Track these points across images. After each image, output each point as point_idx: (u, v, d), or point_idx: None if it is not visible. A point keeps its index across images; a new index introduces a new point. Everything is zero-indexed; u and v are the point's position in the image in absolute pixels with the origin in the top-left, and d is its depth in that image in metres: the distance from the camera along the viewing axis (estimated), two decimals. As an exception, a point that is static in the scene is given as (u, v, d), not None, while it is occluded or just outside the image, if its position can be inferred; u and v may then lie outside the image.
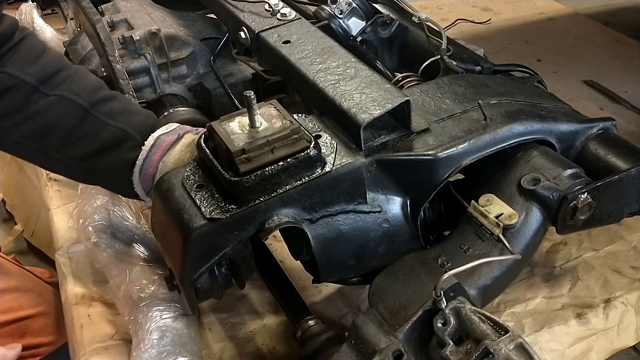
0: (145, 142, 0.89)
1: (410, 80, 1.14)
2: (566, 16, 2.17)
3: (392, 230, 0.87)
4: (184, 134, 0.94)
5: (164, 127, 0.91)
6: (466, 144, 0.87)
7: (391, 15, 1.32)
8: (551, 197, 0.85)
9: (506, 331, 0.68)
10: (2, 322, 1.23)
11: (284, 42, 1.06)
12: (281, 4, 1.16)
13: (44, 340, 1.27)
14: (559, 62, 1.87)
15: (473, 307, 0.72)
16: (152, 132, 0.91)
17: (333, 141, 0.85)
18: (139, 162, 0.89)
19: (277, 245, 1.14)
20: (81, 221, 1.14)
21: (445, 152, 0.85)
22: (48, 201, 1.32)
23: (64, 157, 0.92)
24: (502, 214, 0.85)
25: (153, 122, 0.94)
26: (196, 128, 0.94)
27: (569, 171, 0.88)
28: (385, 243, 0.88)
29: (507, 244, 0.83)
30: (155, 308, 0.96)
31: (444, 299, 0.72)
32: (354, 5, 1.28)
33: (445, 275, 0.72)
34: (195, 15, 1.46)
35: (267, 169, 0.78)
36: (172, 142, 0.89)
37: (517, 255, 0.83)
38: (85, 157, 0.92)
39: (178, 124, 0.93)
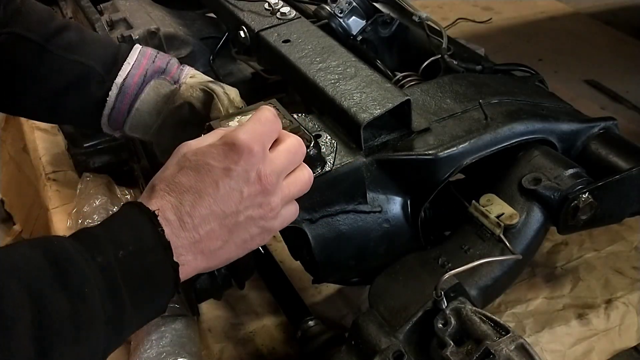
0: (110, 93, 0.87)
1: (410, 80, 1.13)
2: (567, 15, 2.17)
3: (392, 230, 0.87)
4: (151, 77, 0.91)
5: (126, 66, 0.88)
6: (467, 143, 0.86)
7: (391, 14, 1.31)
8: (552, 197, 0.85)
9: (507, 332, 0.68)
10: None
11: (283, 41, 1.05)
12: (281, 2, 1.16)
13: None
14: (560, 61, 1.87)
15: (474, 308, 0.71)
16: (115, 65, 0.88)
17: (333, 141, 0.85)
18: (105, 112, 0.88)
19: (277, 246, 1.13)
20: (80, 221, 1.13)
21: (445, 152, 0.85)
22: (47, 201, 1.31)
23: (26, 99, 0.89)
24: (503, 214, 0.85)
25: (114, 52, 0.91)
26: (167, 62, 0.91)
27: (570, 171, 0.87)
28: (386, 243, 0.87)
29: (508, 244, 0.82)
30: (154, 308, 0.95)
31: (444, 299, 0.72)
32: (354, 4, 1.27)
33: (446, 276, 0.71)
34: (195, 14, 1.45)
35: (266, 168, 0.77)
36: (139, 87, 0.88)
37: (518, 256, 0.82)
38: (48, 97, 0.89)
39: (140, 54, 0.90)
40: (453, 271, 0.72)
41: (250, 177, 0.65)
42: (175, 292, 0.63)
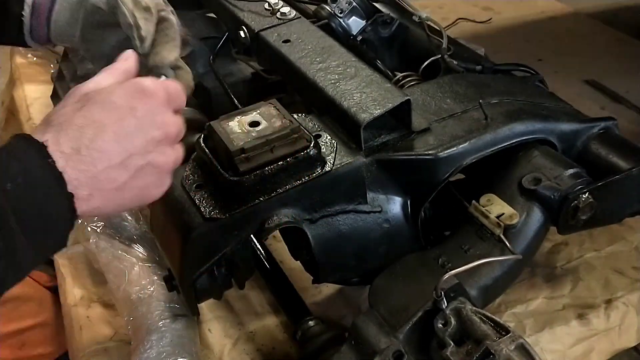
0: (24, 13, 0.86)
1: (410, 80, 1.13)
2: (567, 15, 2.17)
3: (392, 230, 0.87)
4: None
5: None
6: (467, 143, 0.86)
7: (391, 14, 1.31)
8: (552, 197, 0.85)
9: (507, 332, 0.68)
10: (2, 334, 1.21)
11: (283, 42, 1.05)
12: (281, 2, 1.16)
13: (42, 351, 1.26)
14: (560, 61, 1.87)
15: (474, 308, 0.71)
16: None
17: (333, 141, 0.85)
18: (26, 31, 0.88)
19: (277, 245, 1.13)
20: (80, 221, 1.13)
21: (445, 152, 0.85)
22: (47, 201, 1.31)
23: None
24: (503, 214, 0.85)
25: None
26: None
27: (570, 171, 0.87)
28: (386, 243, 0.87)
29: (508, 244, 0.82)
30: (154, 309, 0.95)
31: (444, 299, 0.72)
32: (354, 4, 1.27)
33: (446, 276, 0.71)
34: (195, 14, 1.45)
35: (266, 168, 0.77)
36: (51, 1, 0.87)
37: (518, 256, 0.82)
38: None
39: None
40: (453, 271, 0.72)
41: (156, 121, 0.64)
42: (72, 224, 0.61)
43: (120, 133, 0.62)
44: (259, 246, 1.05)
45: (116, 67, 0.71)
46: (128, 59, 0.73)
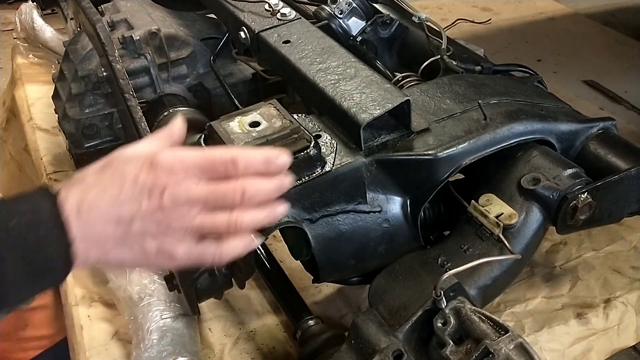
0: None
1: (410, 80, 1.14)
2: (566, 16, 2.17)
3: (392, 230, 0.87)
4: None
5: None
6: (466, 143, 0.87)
7: (391, 15, 1.32)
8: (551, 197, 0.85)
9: (506, 331, 0.68)
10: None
11: (284, 42, 1.06)
12: (281, 3, 1.16)
13: (45, 332, 1.27)
14: (559, 62, 1.87)
15: (473, 307, 0.72)
16: None
17: (333, 141, 0.85)
18: None
19: (277, 245, 1.14)
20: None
21: (445, 152, 0.85)
22: (48, 201, 1.32)
23: None
24: (502, 213, 0.85)
25: None
26: None
27: (569, 171, 0.88)
28: (385, 243, 0.88)
29: (507, 244, 0.83)
30: (155, 308, 0.96)
31: (444, 298, 0.72)
32: (354, 5, 1.27)
33: (445, 275, 0.72)
34: (195, 15, 1.45)
35: (267, 168, 0.78)
36: None
37: (517, 255, 0.82)
38: None
39: None
40: (452, 271, 0.72)
41: (154, 192, 0.64)
42: (68, 269, 0.63)
43: (117, 198, 0.64)
44: (259, 246, 1.05)
45: (160, 133, 0.72)
46: (175, 126, 0.73)
